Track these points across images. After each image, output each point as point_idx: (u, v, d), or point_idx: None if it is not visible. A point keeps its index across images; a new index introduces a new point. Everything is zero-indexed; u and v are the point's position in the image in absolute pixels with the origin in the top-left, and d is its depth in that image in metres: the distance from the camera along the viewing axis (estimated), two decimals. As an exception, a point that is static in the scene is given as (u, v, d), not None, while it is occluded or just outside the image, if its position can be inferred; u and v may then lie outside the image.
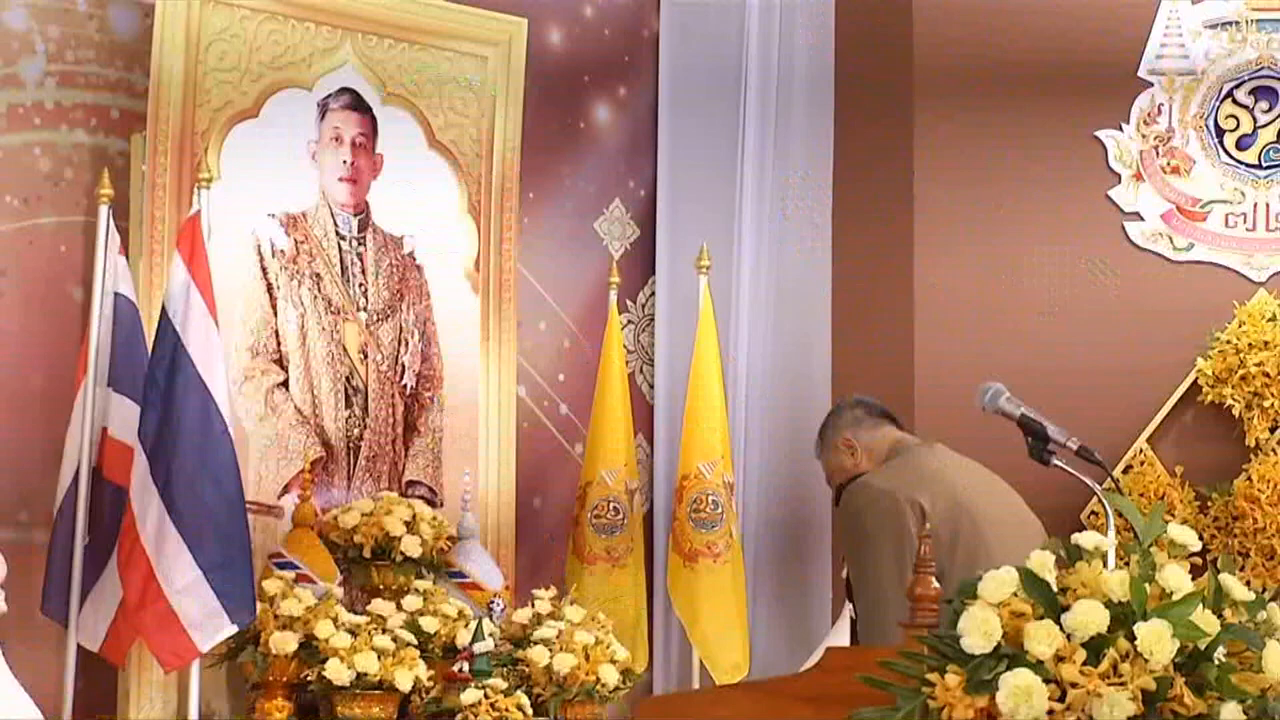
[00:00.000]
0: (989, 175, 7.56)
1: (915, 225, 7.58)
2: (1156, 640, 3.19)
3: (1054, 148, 7.53)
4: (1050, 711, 3.15)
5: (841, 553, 5.10)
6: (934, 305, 7.49)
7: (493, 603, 6.42)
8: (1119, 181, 7.53)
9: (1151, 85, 7.57)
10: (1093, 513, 6.98)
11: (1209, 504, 7.24)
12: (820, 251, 7.69)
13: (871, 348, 7.57)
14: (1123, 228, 7.52)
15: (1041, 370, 7.06)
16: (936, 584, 3.43)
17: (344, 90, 6.86)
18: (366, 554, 6.40)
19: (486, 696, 6.00)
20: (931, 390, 7.34)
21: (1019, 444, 4.64)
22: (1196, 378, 7.29)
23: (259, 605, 5.91)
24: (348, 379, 6.74)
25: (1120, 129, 7.55)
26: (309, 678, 5.99)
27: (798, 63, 7.84)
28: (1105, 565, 3.37)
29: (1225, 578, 3.41)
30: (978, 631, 3.22)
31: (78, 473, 5.85)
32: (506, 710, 6.01)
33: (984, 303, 7.47)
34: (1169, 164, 7.53)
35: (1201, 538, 6.97)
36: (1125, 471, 7.25)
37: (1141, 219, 7.52)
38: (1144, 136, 7.55)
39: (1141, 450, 7.30)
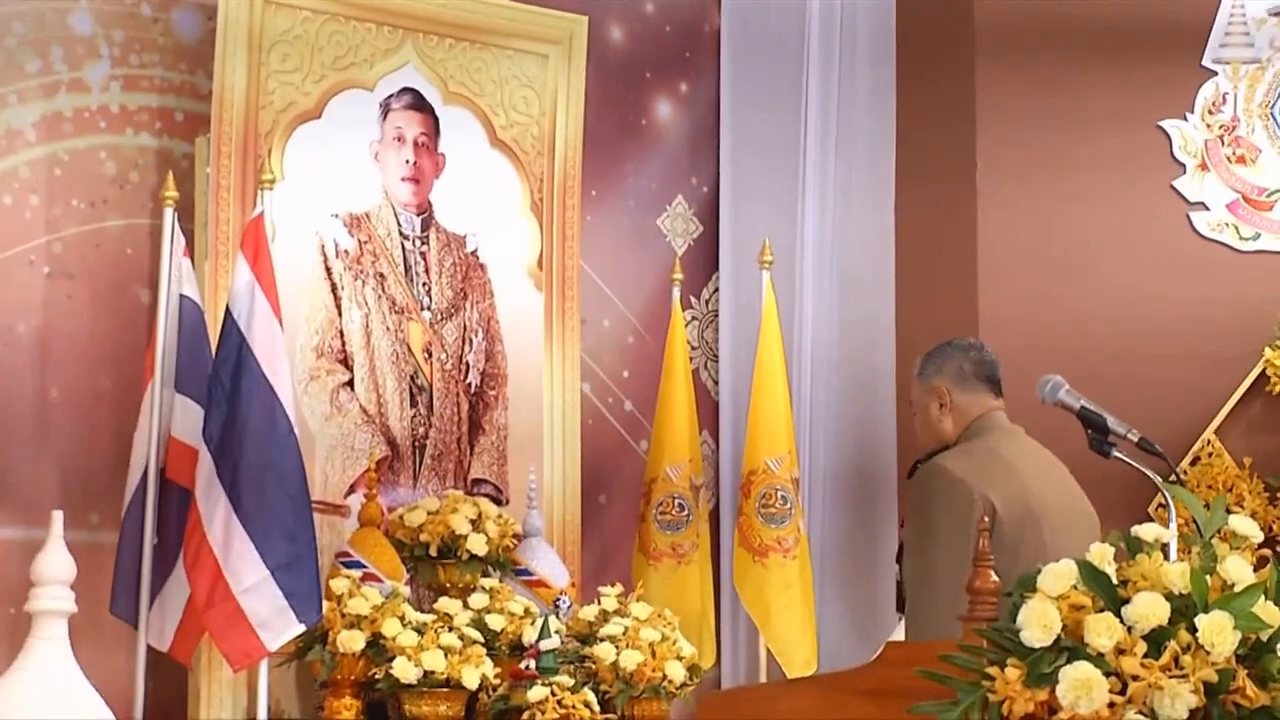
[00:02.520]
0: (1052, 170, 7.54)
1: (979, 214, 7.55)
2: (1218, 632, 3.17)
3: (1117, 138, 7.51)
4: (1111, 704, 3.13)
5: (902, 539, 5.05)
6: (998, 297, 7.47)
7: (559, 600, 6.44)
8: (1184, 172, 7.49)
9: (1215, 74, 7.52)
10: (1160, 505, 6.94)
11: (1278, 495, 7.19)
12: (883, 242, 7.66)
13: (937, 339, 7.53)
14: (1188, 218, 7.49)
15: (1107, 362, 7.04)
16: (995, 577, 3.41)
17: (406, 90, 6.88)
18: (433, 552, 6.42)
19: (553, 694, 6.01)
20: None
21: (1081, 433, 4.63)
22: (1265, 368, 7.25)
23: (326, 604, 5.94)
24: (412, 378, 6.77)
25: (1184, 118, 7.51)
26: (377, 676, 6.02)
27: (859, 55, 7.82)
28: (1166, 557, 3.35)
29: (1288, 569, 3.38)
30: (1037, 624, 3.20)
31: (145, 474, 5.88)
32: (573, 707, 6.02)
33: (1048, 296, 7.44)
34: (1234, 153, 7.48)
35: (1271, 529, 6.99)
36: (1193, 463, 7.22)
37: (1207, 209, 7.48)
38: (1208, 126, 7.51)
39: (1209, 441, 7.27)
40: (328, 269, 6.65)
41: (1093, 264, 7.49)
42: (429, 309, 6.85)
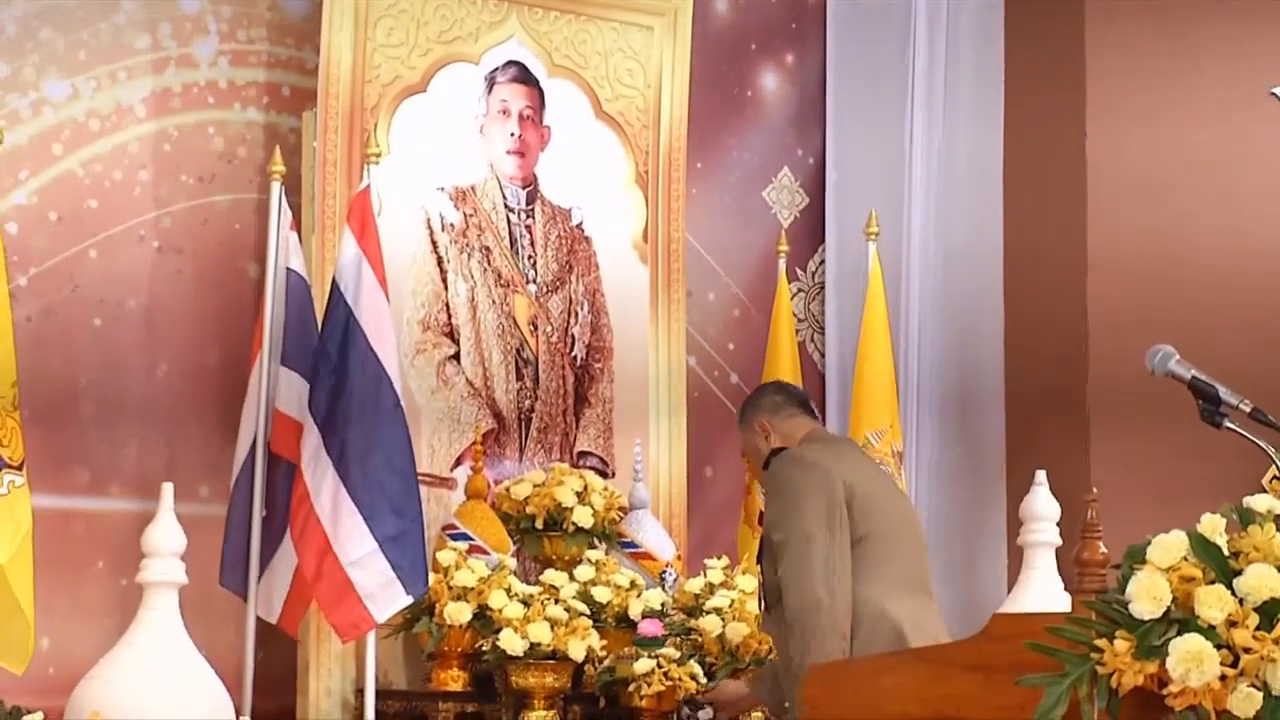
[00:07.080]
0: (1162, 142, 7.43)
1: (1089, 195, 7.45)
2: (1332, 605, 3.13)
3: (1229, 106, 7.39)
4: (1222, 677, 3.10)
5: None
6: (1107, 271, 7.38)
7: (664, 572, 6.43)
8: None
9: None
10: (1274, 477, 6.84)
11: (1395, 468, 7.08)
12: (990, 215, 7.60)
13: (1044, 311, 7.48)
14: (1303, 181, 7.39)
15: (1220, 339, 6.93)
16: (1104, 549, 3.38)
17: (511, 63, 6.89)
18: (538, 525, 6.44)
19: (659, 666, 6.02)
20: (1106, 368, 7.24)
21: (1192, 402, 4.58)
22: (1382, 336, 7.15)
23: (433, 576, 5.96)
24: (518, 351, 6.78)
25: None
26: (483, 647, 6.04)
27: (966, 22, 7.75)
28: (1279, 529, 3.31)
29: (1403, 540, 3.32)
30: (1147, 596, 3.17)
31: (253, 447, 5.92)
32: (679, 679, 6.02)
33: (1159, 261, 7.33)
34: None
35: (1386, 502, 6.86)
36: (1313, 434, 7.12)
37: (1322, 173, 7.38)
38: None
39: (1324, 412, 7.16)
40: (433, 242, 6.67)
41: (1202, 242, 7.38)
42: (534, 282, 6.86)
